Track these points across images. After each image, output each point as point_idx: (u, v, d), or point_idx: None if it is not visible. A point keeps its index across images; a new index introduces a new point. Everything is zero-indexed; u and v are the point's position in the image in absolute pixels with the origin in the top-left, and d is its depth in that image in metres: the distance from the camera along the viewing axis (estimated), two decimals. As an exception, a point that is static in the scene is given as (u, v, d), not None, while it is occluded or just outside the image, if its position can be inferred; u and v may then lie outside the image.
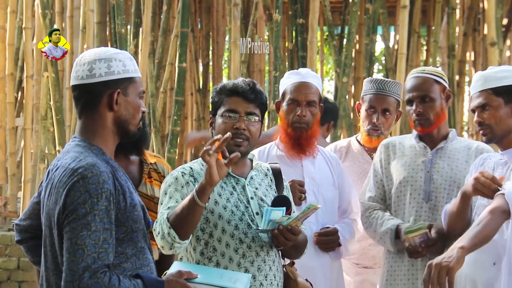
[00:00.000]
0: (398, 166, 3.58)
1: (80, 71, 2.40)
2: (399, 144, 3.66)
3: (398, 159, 3.60)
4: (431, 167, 3.51)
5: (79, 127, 2.43)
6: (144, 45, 6.64)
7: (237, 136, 2.92)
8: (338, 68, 6.94)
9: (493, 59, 6.00)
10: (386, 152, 3.66)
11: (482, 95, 3.10)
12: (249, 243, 2.86)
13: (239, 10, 6.28)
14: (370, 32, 7.14)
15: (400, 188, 3.55)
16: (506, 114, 3.08)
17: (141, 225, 2.37)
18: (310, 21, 6.11)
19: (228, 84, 3.01)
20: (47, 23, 6.94)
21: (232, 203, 2.89)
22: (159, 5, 8.22)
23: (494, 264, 2.85)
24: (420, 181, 3.50)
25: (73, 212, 2.21)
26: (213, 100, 3.03)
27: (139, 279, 2.29)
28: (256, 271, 2.86)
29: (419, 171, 3.53)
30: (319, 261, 3.58)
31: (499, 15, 6.60)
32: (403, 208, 3.53)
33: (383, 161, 3.66)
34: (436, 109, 3.51)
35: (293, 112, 3.64)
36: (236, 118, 2.94)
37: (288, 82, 3.71)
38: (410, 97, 3.54)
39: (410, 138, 3.67)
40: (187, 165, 2.98)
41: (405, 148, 3.62)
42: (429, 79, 3.53)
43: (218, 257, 2.83)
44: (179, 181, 2.88)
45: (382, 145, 3.71)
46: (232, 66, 6.17)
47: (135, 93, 2.44)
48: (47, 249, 2.35)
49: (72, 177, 2.25)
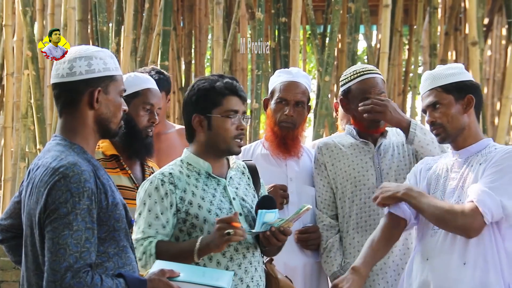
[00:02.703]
0: (345, 167, 3.53)
1: (60, 69, 2.38)
2: (338, 143, 3.60)
3: (342, 159, 3.55)
4: (379, 162, 3.49)
5: (59, 126, 2.42)
6: (126, 43, 6.61)
7: (241, 137, 2.93)
8: (320, 67, 6.95)
9: (474, 58, 6.03)
10: (327, 153, 3.59)
11: (432, 93, 3.01)
12: (235, 245, 2.85)
13: (221, 9, 6.27)
14: (353, 31, 7.16)
15: (352, 189, 3.49)
16: (457, 112, 2.98)
17: (123, 224, 2.36)
18: (293, 20, 6.11)
19: (223, 82, 2.93)
20: (28, 20, 6.88)
21: (216, 205, 2.87)
22: (141, 3, 8.18)
23: (465, 264, 2.83)
24: (372, 178, 3.47)
25: (55, 211, 2.20)
26: (205, 98, 2.92)
27: (122, 278, 2.27)
28: (243, 273, 2.86)
29: (369, 168, 3.49)
30: (302, 260, 3.57)
31: (480, 15, 6.63)
32: (356, 209, 3.47)
33: (327, 164, 3.58)
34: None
35: (281, 111, 3.62)
36: (239, 118, 2.92)
37: (278, 80, 3.69)
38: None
39: (347, 136, 3.62)
40: (166, 170, 2.92)
41: (346, 148, 3.57)
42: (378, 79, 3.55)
43: (206, 261, 2.81)
44: (159, 192, 2.84)
45: (320, 147, 3.62)
46: (215, 65, 6.16)
47: (116, 91, 2.43)
48: (28, 249, 2.33)
49: (53, 176, 2.23)
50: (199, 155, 2.94)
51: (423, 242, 3.00)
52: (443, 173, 3.02)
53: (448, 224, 2.82)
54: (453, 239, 2.87)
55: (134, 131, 3.32)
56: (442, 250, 2.88)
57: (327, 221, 3.56)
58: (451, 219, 2.80)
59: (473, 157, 2.96)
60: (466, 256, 2.83)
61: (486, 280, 2.79)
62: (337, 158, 3.57)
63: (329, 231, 3.55)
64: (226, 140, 2.90)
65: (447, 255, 2.87)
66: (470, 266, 2.82)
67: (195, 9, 9.13)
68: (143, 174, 3.41)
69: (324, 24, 8.25)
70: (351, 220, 3.49)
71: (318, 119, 6.46)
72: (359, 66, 3.65)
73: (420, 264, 2.96)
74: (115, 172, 3.30)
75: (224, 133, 2.90)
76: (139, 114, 3.35)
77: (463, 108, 2.99)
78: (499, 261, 2.81)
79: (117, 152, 3.37)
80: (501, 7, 8.31)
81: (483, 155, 2.94)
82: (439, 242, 2.91)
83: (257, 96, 6.31)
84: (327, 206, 3.59)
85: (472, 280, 2.80)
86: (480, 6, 6.66)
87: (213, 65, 6.25)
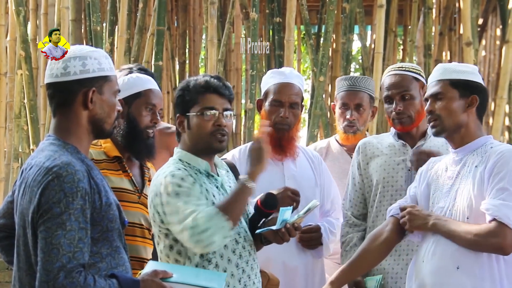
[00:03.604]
0: (377, 166, 3.52)
1: (54, 69, 2.37)
2: (377, 143, 3.59)
3: (377, 158, 3.53)
4: (412, 165, 3.43)
5: (53, 126, 2.41)
6: (120, 43, 6.59)
7: (220, 133, 2.90)
8: (315, 67, 6.94)
9: (468, 58, 6.03)
10: (364, 152, 3.59)
11: (438, 84, 2.97)
12: (243, 243, 2.88)
13: (215, 9, 6.25)
14: (347, 31, 7.15)
15: (380, 189, 3.48)
16: (458, 108, 2.95)
17: (116, 224, 2.35)
18: (287, 20, 6.10)
19: (198, 81, 2.94)
20: (21, 20, 6.85)
21: None
22: (135, 3, 8.16)
23: (458, 269, 2.82)
24: (401, 180, 3.44)
25: (48, 211, 2.19)
26: (182, 98, 2.94)
27: (115, 279, 2.27)
28: (250, 270, 2.88)
29: (399, 170, 3.46)
30: (302, 260, 3.58)
31: (474, 15, 6.64)
32: (384, 210, 3.41)
33: (361, 162, 3.58)
34: (417, 107, 3.46)
35: (276, 113, 3.61)
36: (215, 115, 2.90)
37: (271, 82, 3.68)
38: (389, 94, 3.48)
39: (388, 137, 3.60)
40: (172, 168, 2.87)
41: (384, 147, 3.55)
42: (407, 76, 3.48)
43: (217, 258, 2.81)
44: (187, 181, 2.80)
45: (359, 146, 3.63)
46: (209, 65, 6.14)
47: (111, 91, 2.42)
48: (20, 249, 2.32)
49: (46, 176, 2.22)
50: (194, 154, 2.94)
51: (422, 243, 2.98)
52: (442, 173, 3.01)
53: (482, 247, 2.77)
54: (446, 242, 2.85)
55: (136, 131, 3.32)
56: (435, 253, 2.86)
57: (351, 220, 3.58)
58: (483, 242, 2.75)
59: (469, 156, 2.94)
60: (460, 261, 2.80)
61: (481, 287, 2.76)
62: (373, 157, 3.55)
63: (351, 228, 3.56)
64: (203, 138, 2.89)
65: (440, 259, 2.84)
66: (463, 271, 2.78)
67: (189, 9, 9.11)
68: (142, 177, 3.40)
69: (318, 24, 8.24)
70: (378, 220, 3.46)
71: (312, 120, 6.46)
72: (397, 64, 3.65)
73: (418, 267, 2.95)
74: (117, 174, 3.28)
75: (200, 131, 2.89)
76: (141, 114, 3.35)
77: (465, 106, 2.97)
78: (497, 269, 2.79)
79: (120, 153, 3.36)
80: (495, 8, 8.32)
81: (479, 154, 2.91)
82: (434, 244, 2.88)
83: (251, 96, 6.30)
84: (354, 206, 3.60)
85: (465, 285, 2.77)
86: (475, 6, 6.67)
87: (207, 65, 6.24)
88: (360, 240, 3.49)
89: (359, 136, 3.96)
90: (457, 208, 2.87)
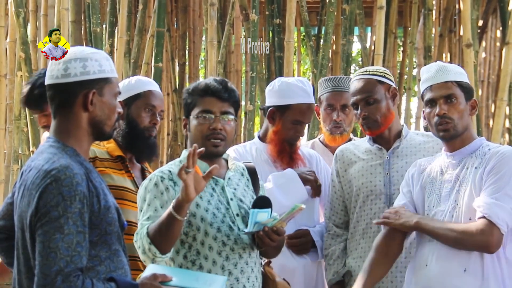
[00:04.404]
0: (355, 172, 3.50)
1: (55, 71, 2.36)
2: (354, 149, 3.57)
3: (355, 165, 3.52)
4: (390, 168, 3.42)
5: (53, 128, 2.40)
6: (120, 44, 6.58)
7: (214, 137, 2.89)
8: (315, 69, 6.93)
9: (468, 60, 6.02)
10: (342, 159, 3.58)
11: (446, 85, 2.94)
12: (232, 245, 2.85)
13: (215, 10, 6.25)
14: (347, 32, 7.14)
15: (360, 195, 3.46)
16: (466, 111, 2.95)
17: (115, 227, 2.34)
18: (287, 22, 6.09)
19: (200, 84, 2.97)
20: (21, 21, 6.84)
21: (213, 205, 2.87)
22: (135, 4, 8.16)
23: (465, 271, 2.81)
24: (379, 185, 3.42)
25: (46, 214, 2.18)
26: (186, 101, 2.99)
27: (113, 282, 2.26)
28: (239, 273, 2.85)
29: (377, 174, 3.44)
30: (300, 262, 3.59)
31: (474, 17, 6.63)
32: (364, 215, 3.43)
33: (340, 170, 3.57)
34: (383, 110, 3.41)
35: (293, 129, 3.63)
36: (211, 118, 2.90)
37: (297, 101, 3.69)
38: (354, 100, 3.45)
39: (364, 142, 3.58)
40: (165, 168, 2.93)
41: (360, 153, 3.54)
42: (371, 80, 3.44)
43: (202, 260, 2.81)
44: (159, 187, 2.84)
45: (337, 154, 3.62)
46: (209, 66, 6.13)
47: (111, 93, 2.41)
48: (20, 251, 2.32)
49: (45, 179, 2.21)
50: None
51: (421, 248, 2.97)
52: (438, 176, 2.99)
53: (467, 244, 2.79)
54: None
55: (136, 131, 3.34)
56: (440, 256, 2.86)
57: (333, 230, 3.58)
58: (468, 239, 2.77)
59: (467, 158, 2.93)
60: (467, 263, 2.81)
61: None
62: (350, 164, 3.54)
63: (334, 239, 3.56)
64: (199, 141, 2.89)
65: (446, 262, 2.84)
66: (470, 273, 2.79)
67: (189, 10, 9.10)
68: (143, 179, 3.40)
69: (318, 26, 8.23)
70: (359, 226, 3.46)
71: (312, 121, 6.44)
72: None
73: (419, 271, 2.94)
74: (120, 174, 3.31)
75: (196, 134, 2.91)
76: (141, 115, 3.36)
77: (470, 109, 2.97)
78: (500, 269, 2.79)
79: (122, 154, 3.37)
80: (495, 9, 8.31)
81: (478, 156, 2.91)
82: (438, 248, 2.88)
83: (251, 98, 6.29)
84: (336, 214, 3.59)
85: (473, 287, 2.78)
86: (475, 8, 6.66)
87: (207, 66, 6.23)
88: (343, 251, 3.51)
89: (346, 137, 3.97)
90: (459, 210, 2.86)
